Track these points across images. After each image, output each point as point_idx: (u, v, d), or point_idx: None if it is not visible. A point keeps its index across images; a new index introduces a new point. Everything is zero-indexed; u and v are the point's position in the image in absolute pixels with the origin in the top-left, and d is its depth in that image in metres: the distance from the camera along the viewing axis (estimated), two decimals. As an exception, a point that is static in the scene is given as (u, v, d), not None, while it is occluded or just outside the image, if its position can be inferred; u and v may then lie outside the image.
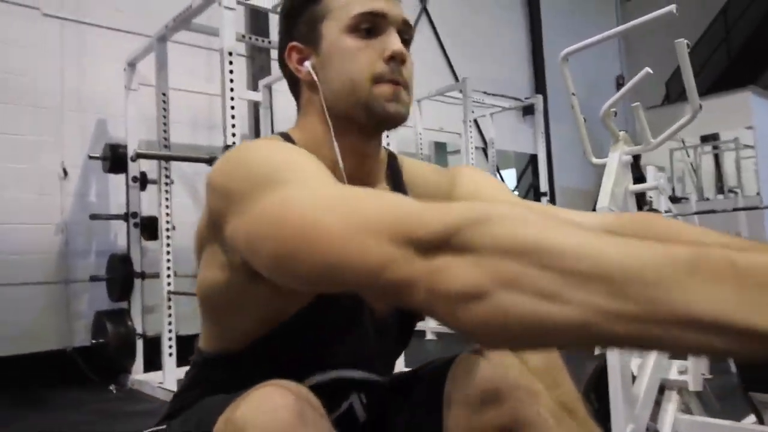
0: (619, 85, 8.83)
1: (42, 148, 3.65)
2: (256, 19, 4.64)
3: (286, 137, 0.83)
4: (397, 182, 0.89)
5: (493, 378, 0.75)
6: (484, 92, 5.40)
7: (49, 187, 3.61)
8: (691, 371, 1.63)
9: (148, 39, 3.44)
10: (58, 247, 3.57)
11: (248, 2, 2.91)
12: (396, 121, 0.80)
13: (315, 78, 0.81)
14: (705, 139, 8.20)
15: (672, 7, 1.49)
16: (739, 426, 1.59)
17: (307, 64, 0.82)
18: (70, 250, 3.60)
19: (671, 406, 1.65)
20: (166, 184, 3.24)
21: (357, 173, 0.82)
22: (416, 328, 0.92)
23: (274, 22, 4.70)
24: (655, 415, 1.66)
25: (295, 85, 0.86)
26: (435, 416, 0.79)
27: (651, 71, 1.59)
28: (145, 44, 3.50)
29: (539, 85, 7.24)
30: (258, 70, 4.66)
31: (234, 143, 2.82)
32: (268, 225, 0.56)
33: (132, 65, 3.68)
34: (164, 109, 3.38)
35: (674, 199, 7.95)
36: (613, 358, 1.50)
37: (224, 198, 0.65)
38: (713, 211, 4.05)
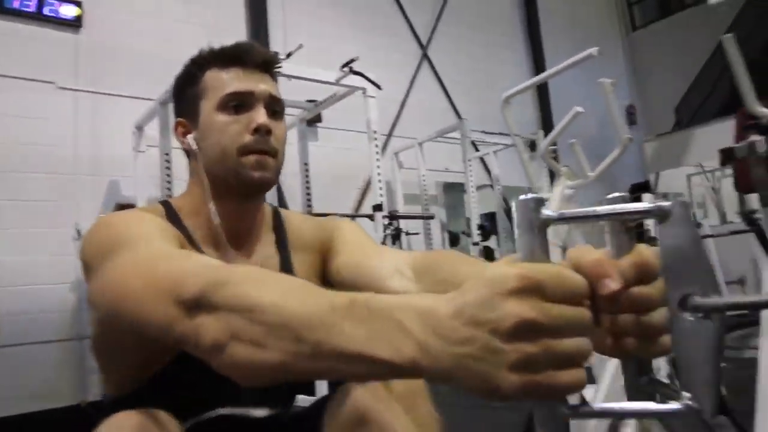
0: (630, 114, 8.84)
1: (58, 212, 3.89)
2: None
3: (167, 205, 0.96)
4: (280, 235, 1.03)
5: (359, 406, 0.84)
6: (483, 131, 5.51)
7: (65, 248, 3.82)
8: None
9: (153, 103, 3.68)
10: (72, 305, 3.76)
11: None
12: (262, 186, 0.93)
13: (195, 148, 0.94)
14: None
15: (594, 50, 1.58)
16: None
17: (190, 137, 0.95)
18: (83, 307, 3.78)
19: (628, 431, 1.67)
20: (170, 239, 3.41)
21: (235, 230, 0.95)
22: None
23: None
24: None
25: (187, 155, 0.99)
26: None
27: (581, 110, 1.66)
28: (150, 108, 3.73)
29: (546, 121, 7.33)
30: (263, 125, 4.87)
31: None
32: (100, 292, 0.70)
33: (140, 128, 3.91)
34: (167, 168, 3.57)
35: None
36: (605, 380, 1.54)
37: (84, 267, 0.79)
38: (710, 236, 4.03)
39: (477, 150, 6.36)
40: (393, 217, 3.68)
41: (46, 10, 4.02)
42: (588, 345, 0.43)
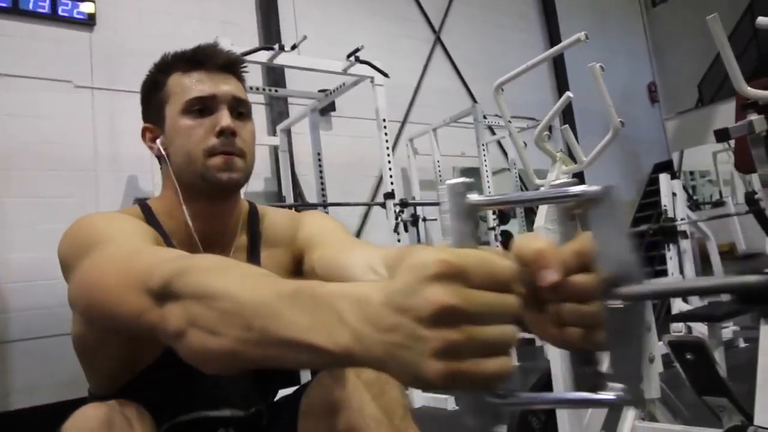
0: (651, 92, 8.67)
1: (81, 208, 3.98)
2: (273, 71, 4.93)
3: (144, 206, 0.97)
4: (254, 233, 1.03)
5: (331, 393, 0.89)
6: (497, 115, 5.46)
7: (87, 243, 3.93)
8: (647, 379, 1.66)
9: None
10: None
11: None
12: (230, 187, 0.93)
13: (164, 153, 0.95)
14: (750, 138, 7.91)
15: (581, 35, 1.57)
16: (692, 430, 1.60)
17: (158, 141, 0.96)
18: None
19: (630, 413, 1.68)
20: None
21: (209, 231, 0.96)
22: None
23: (289, 73, 4.96)
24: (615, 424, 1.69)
25: (158, 159, 0.99)
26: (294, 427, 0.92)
27: (571, 95, 1.65)
28: (163, 105, 3.80)
29: (564, 101, 7.23)
30: (276, 116, 4.92)
31: (238, 189, 3.03)
32: (77, 289, 0.74)
33: (155, 124, 3.99)
34: (182, 163, 3.64)
35: (718, 204, 7.69)
36: (556, 367, 1.56)
37: (62, 266, 0.81)
38: (727, 215, 3.96)
39: (493, 133, 6.32)
40: (404, 204, 3.70)
41: (60, 10, 4.11)
42: (513, 333, 0.42)
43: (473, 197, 0.46)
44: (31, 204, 3.84)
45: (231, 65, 0.96)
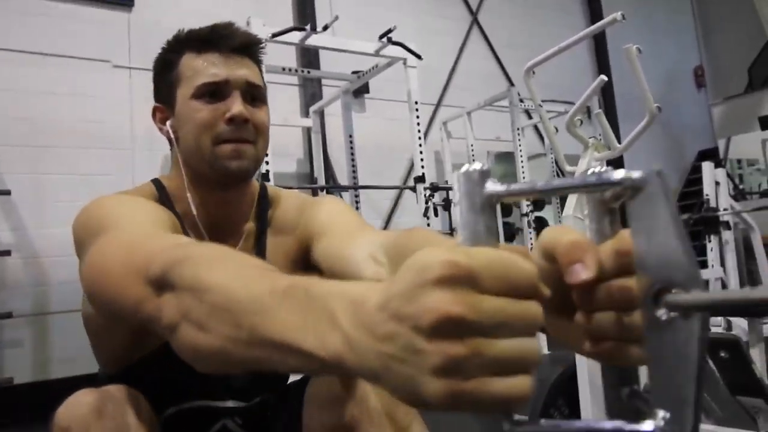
0: (698, 76, 8.34)
1: (118, 185, 4.02)
2: (307, 52, 4.90)
3: (158, 183, 0.96)
4: (262, 220, 0.99)
5: (337, 383, 0.88)
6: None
7: (123, 220, 4.01)
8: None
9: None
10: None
11: (275, 40, 3.13)
12: (239, 176, 0.90)
13: (173, 136, 0.93)
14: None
15: (618, 14, 1.50)
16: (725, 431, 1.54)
17: (168, 123, 0.93)
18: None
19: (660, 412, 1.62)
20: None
21: (216, 219, 0.94)
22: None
23: (323, 54, 4.93)
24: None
25: (169, 141, 0.97)
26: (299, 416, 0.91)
27: (605, 78, 1.58)
28: (198, 85, 3.83)
29: (605, 87, 7.02)
30: (309, 98, 4.91)
31: (268, 171, 3.04)
32: (84, 273, 0.71)
33: (189, 104, 4.03)
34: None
35: (766, 193, 7.40)
36: (582, 363, 1.52)
37: (76, 245, 0.80)
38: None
39: (530, 117, 6.18)
40: (435, 188, 3.66)
41: (99, -9, 4.15)
42: (534, 347, 0.35)
43: (492, 186, 0.39)
44: (70, 180, 3.93)
45: (247, 47, 0.92)
